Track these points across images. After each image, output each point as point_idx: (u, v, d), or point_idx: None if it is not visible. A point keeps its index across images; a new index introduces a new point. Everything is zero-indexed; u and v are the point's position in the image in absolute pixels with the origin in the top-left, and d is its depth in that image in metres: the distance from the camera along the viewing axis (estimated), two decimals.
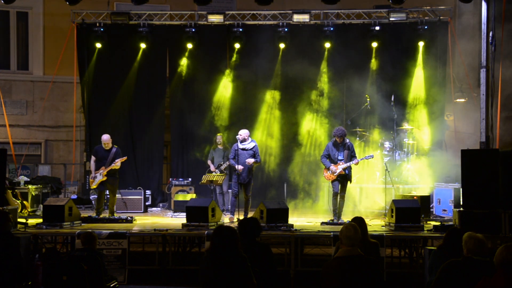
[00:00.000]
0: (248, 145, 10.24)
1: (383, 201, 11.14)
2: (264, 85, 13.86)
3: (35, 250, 8.43)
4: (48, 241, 9.49)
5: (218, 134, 12.47)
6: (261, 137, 13.60)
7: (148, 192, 13.23)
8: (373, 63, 13.57)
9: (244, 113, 14.04)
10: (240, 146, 10.20)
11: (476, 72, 13.84)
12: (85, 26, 13.98)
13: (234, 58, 13.99)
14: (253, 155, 10.20)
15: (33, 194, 12.15)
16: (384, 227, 9.25)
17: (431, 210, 11.09)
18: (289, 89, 13.90)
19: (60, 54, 13.90)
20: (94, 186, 10.50)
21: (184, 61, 14.06)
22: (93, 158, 10.58)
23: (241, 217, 9.81)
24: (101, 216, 10.31)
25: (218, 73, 14.02)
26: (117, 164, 10.33)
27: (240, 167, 10.04)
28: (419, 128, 12.90)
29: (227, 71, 14.08)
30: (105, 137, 10.56)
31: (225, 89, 14.12)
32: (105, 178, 10.33)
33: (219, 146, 12.17)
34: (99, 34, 13.72)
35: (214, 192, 12.07)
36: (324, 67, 13.69)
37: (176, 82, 14.29)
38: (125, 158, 10.57)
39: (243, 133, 10.33)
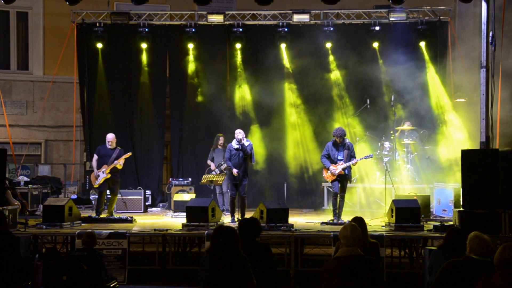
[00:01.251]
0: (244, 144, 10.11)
1: (383, 201, 11.14)
2: (264, 84, 13.84)
3: (35, 250, 8.42)
4: (48, 241, 9.49)
5: (219, 135, 12.46)
6: (261, 136, 13.62)
7: (148, 192, 13.23)
8: (373, 63, 13.55)
9: (244, 113, 14.03)
10: (235, 146, 10.11)
11: (476, 72, 13.83)
12: (85, 26, 13.98)
13: (234, 58, 13.98)
14: (246, 154, 10.11)
15: (33, 194, 12.15)
16: (384, 227, 9.25)
17: (431, 210, 11.08)
18: (289, 88, 13.87)
19: (60, 54, 13.90)
20: (97, 185, 10.45)
21: (184, 61, 14.07)
22: (95, 157, 10.57)
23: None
24: (101, 216, 10.31)
25: (218, 73, 14.03)
26: (120, 162, 10.34)
27: (235, 171, 9.97)
28: (419, 128, 12.89)
29: (227, 71, 14.08)
30: (110, 136, 10.58)
31: (225, 89, 14.13)
32: (109, 176, 10.33)
33: (219, 147, 12.16)
34: (99, 34, 13.72)
35: (214, 192, 12.07)
36: (323, 66, 13.67)
37: (176, 82, 14.30)
38: (129, 154, 10.59)
39: (240, 132, 10.22)
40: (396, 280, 8.45)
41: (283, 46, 13.68)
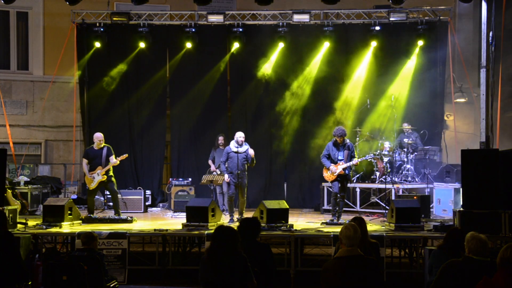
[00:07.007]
0: (242, 148, 10.07)
1: (383, 201, 11.14)
2: (264, 84, 13.84)
3: (35, 250, 8.43)
4: (48, 241, 9.49)
5: (220, 135, 12.46)
6: (261, 138, 13.62)
7: (148, 192, 13.23)
8: (373, 63, 13.55)
9: (244, 113, 14.04)
10: (234, 149, 10.08)
11: (476, 72, 13.84)
12: (85, 26, 13.98)
13: (233, 58, 13.97)
14: (246, 159, 10.10)
15: (33, 194, 12.15)
16: (384, 227, 9.25)
17: (431, 210, 11.09)
18: (289, 88, 13.84)
19: (60, 54, 13.90)
20: (93, 186, 10.41)
21: (184, 61, 14.06)
22: (85, 161, 10.50)
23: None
24: (93, 215, 10.30)
25: (218, 73, 14.02)
26: (116, 162, 10.30)
27: (226, 177, 10.00)
28: (419, 128, 12.89)
29: (227, 71, 14.08)
30: (99, 135, 10.54)
31: (225, 88, 14.11)
32: (104, 178, 10.30)
33: (221, 147, 12.16)
34: (99, 34, 13.72)
35: (214, 192, 12.07)
36: (323, 66, 13.65)
37: (176, 82, 14.30)
38: (126, 155, 10.53)
39: (242, 135, 10.17)
40: (396, 280, 8.45)
41: (282, 45, 13.66)
